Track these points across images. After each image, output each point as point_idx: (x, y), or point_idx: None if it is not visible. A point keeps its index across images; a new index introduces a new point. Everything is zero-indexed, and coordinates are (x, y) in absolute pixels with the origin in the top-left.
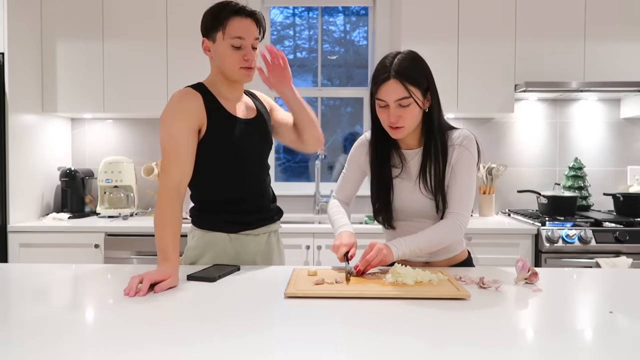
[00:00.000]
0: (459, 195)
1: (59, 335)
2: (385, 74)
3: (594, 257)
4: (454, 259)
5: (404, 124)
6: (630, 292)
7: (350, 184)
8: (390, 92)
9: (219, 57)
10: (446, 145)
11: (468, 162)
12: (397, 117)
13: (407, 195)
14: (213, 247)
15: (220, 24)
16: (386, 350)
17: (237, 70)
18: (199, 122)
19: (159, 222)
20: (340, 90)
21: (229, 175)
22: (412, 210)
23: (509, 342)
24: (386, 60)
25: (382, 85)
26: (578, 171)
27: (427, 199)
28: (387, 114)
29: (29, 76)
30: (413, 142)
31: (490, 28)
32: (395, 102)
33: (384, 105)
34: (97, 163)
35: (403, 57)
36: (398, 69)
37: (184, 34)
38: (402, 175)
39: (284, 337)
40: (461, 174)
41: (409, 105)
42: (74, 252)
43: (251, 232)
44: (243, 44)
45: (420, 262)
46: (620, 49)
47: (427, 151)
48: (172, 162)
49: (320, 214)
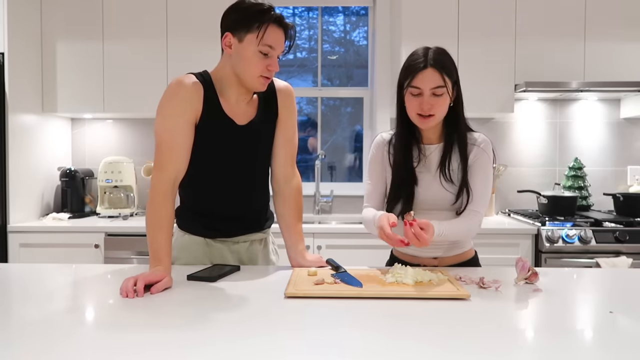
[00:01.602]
0: (478, 195)
1: (58, 336)
2: (422, 63)
3: (594, 257)
4: (463, 256)
5: (435, 112)
6: (630, 292)
7: (379, 187)
8: (427, 80)
9: (241, 58)
10: (466, 141)
11: (486, 163)
12: (430, 106)
13: (426, 186)
14: (188, 249)
15: (258, 27)
16: (386, 350)
17: (256, 78)
18: (196, 115)
19: (151, 223)
20: (340, 90)
21: (209, 180)
22: (430, 201)
23: (509, 342)
24: (419, 52)
25: (419, 74)
26: (578, 171)
27: (446, 191)
28: (420, 102)
29: (29, 76)
30: (434, 136)
31: (490, 28)
32: (430, 90)
33: (417, 93)
34: (97, 163)
35: (437, 49)
36: (435, 59)
37: (184, 34)
38: (420, 168)
39: (284, 337)
40: (479, 174)
41: (441, 95)
42: (74, 252)
43: (229, 240)
44: (271, 53)
45: (430, 258)
46: (620, 49)
47: (448, 145)
48: (166, 157)
49: (320, 214)
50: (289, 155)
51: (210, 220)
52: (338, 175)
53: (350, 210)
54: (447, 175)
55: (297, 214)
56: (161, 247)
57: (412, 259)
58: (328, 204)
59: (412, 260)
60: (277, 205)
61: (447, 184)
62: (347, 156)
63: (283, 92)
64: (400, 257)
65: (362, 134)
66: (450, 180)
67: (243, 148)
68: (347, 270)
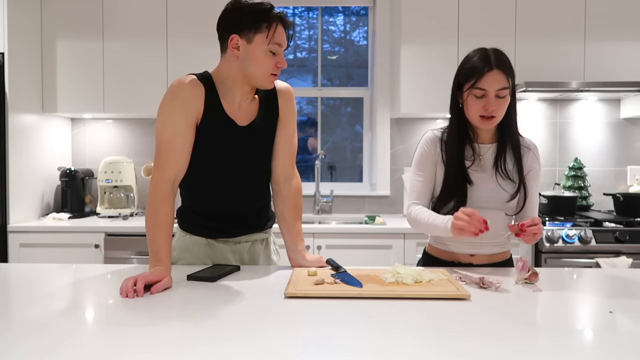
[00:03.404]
0: (533, 203)
1: (58, 336)
2: (487, 65)
3: (594, 257)
4: (499, 256)
5: (497, 114)
6: (630, 292)
7: (428, 184)
8: (494, 82)
9: (252, 59)
10: (519, 142)
11: (539, 173)
12: (495, 107)
13: (481, 184)
14: (190, 250)
15: (267, 27)
16: (386, 350)
17: (266, 77)
18: (196, 115)
19: (151, 223)
20: (340, 90)
21: (210, 181)
22: (484, 200)
23: (509, 342)
24: (480, 54)
25: (486, 75)
26: (578, 171)
27: (502, 189)
28: (483, 103)
29: (29, 76)
30: (488, 136)
31: (490, 28)
32: (495, 91)
33: (481, 95)
34: (97, 163)
35: (497, 51)
36: (499, 60)
37: (184, 34)
38: (474, 167)
39: (284, 337)
40: (535, 184)
41: (504, 97)
42: (74, 252)
43: (230, 240)
44: (278, 51)
45: (467, 255)
46: (620, 49)
47: (502, 144)
48: (166, 157)
49: (320, 214)
50: (289, 156)
51: (212, 221)
52: (338, 175)
53: (350, 210)
54: (504, 173)
55: (297, 214)
56: (161, 247)
57: (447, 255)
58: (328, 204)
59: (448, 257)
60: (277, 206)
61: (503, 182)
62: (347, 156)
63: (284, 93)
64: (435, 254)
65: (361, 134)
66: (508, 178)
67: (244, 149)
68: (347, 270)
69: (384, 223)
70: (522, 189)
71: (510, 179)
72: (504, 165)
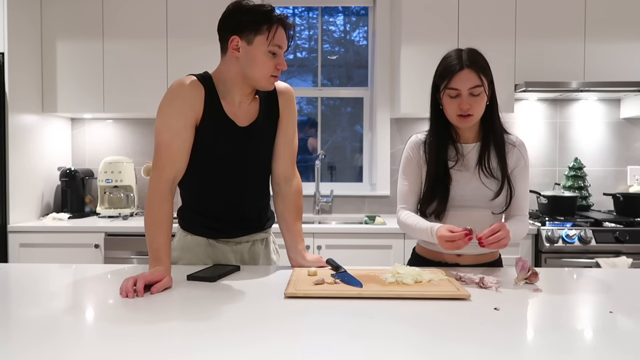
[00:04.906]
0: (522, 199)
1: (58, 336)
2: (458, 64)
3: (594, 257)
4: (487, 257)
5: (474, 112)
6: (630, 292)
7: (415, 188)
8: (465, 81)
9: (252, 60)
10: (504, 139)
11: (526, 167)
12: (469, 106)
13: (465, 183)
14: (191, 250)
15: (267, 28)
16: (386, 350)
17: (266, 78)
18: (196, 116)
19: (150, 223)
20: (340, 90)
21: (210, 181)
22: (468, 198)
23: (509, 342)
24: (453, 55)
25: (457, 75)
26: (578, 171)
27: (485, 187)
28: (458, 103)
29: (29, 76)
30: (471, 135)
31: (490, 28)
32: (468, 90)
33: (455, 95)
34: (97, 163)
35: (471, 50)
36: (471, 59)
37: (184, 34)
38: (457, 167)
39: (284, 337)
40: (522, 179)
41: (479, 95)
42: (74, 252)
43: (231, 240)
44: (278, 52)
45: (454, 255)
46: (620, 49)
47: (485, 143)
48: (165, 157)
49: (320, 214)
50: (289, 156)
51: (212, 221)
52: (338, 175)
53: (350, 210)
54: (488, 171)
55: (297, 214)
56: (161, 247)
57: (435, 255)
58: (328, 204)
59: (435, 257)
60: (277, 206)
61: (487, 180)
62: (347, 156)
63: (284, 93)
64: (423, 254)
65: (361, 134)
66: (492, 176)
67: (244, 149)
68: (347, 270)
69: (384, 223)
70: (507, 186)
71: (494, 177)
72: (487, 164)
